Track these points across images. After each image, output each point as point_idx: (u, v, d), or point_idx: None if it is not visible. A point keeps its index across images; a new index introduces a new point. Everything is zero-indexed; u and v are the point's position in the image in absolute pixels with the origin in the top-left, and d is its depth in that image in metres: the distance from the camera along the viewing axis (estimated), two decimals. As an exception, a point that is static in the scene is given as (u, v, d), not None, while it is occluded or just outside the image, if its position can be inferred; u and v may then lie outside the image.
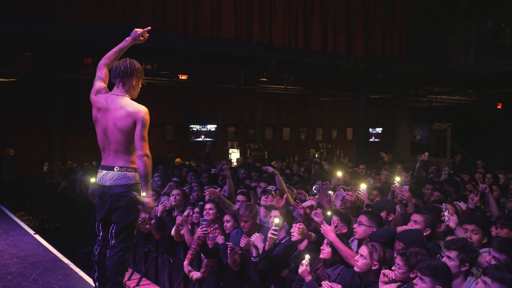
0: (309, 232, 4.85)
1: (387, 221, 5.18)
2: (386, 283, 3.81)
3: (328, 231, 4.49)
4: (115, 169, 4.16)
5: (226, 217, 5.88)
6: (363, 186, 6.63)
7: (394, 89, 19.07)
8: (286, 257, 4.99)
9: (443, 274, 3.46)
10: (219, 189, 6.34)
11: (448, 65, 15.73)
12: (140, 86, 4.36)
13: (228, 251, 5.26)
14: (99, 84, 4.30)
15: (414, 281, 3.50)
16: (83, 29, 10.59)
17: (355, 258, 4.14)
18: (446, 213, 4.45)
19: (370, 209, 5.27)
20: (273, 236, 4.87)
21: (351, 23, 14.50)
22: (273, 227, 4.86)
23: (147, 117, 4.12)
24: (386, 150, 21.10)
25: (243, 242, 5.23)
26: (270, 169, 7.36)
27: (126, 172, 4.15)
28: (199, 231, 5.64)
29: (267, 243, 4.93)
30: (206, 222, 5.75)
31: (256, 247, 5.00)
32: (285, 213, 5.35)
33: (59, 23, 10.37)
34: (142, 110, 4.12)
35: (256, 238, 5.02)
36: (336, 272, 4.38)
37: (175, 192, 7.02)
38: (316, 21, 13.83)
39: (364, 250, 4.10)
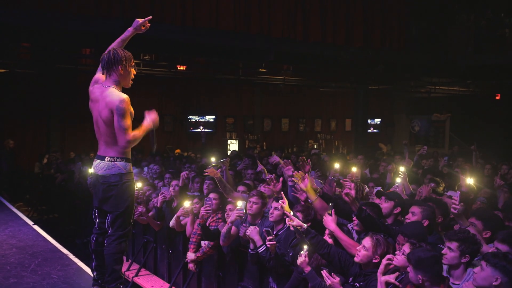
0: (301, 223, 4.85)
1: (392, 213, 5.15)
2: (384, 273, 3.83)
3: (329, 221, 4.49)
4: (106, 159, 4.19)
5: (229, 206, 5.87)
6: (354, 170, 6.61)
7: (393, 80, 19.04)
8: (286, 248, 5.01)
9: (426, 265, 3.48)
10: (219, 170, 6.30)
11: (447, 56, 15.70)
12: (132, 73, 4.24)
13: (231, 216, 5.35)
14: (97, 75, 4.31)
15: (408, 269, 3.57)
16: (81, 21, 10.53)
17: (357, 248, 4.14)
18: (455, 199, 4.35)
19: (382, 196, 5.26)
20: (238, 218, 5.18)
21: (351, 14, 14.44)
22: (237, 208, 5.14)
23: (123, 105, 3.99)
24: (385, 141, 21.09)
25: (242, 231, 5.25)
26: (277, 158, 7.31)
27: (116, 162, 4.17)
28: (202, 210, 5.63)
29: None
30: (210, 202, 5.77)
31: (252, 240, 5.00)
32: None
33: (57, 14, 10.31)
34: (117, 99, 4.01)
35: (251, 231, 5.02)
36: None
37: (174, 183, 7.01)
38: (315, 11, 13.76)
39: (368, 242, 4.09)
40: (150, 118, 4.26)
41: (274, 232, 5.15)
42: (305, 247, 4.33)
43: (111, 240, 4.25)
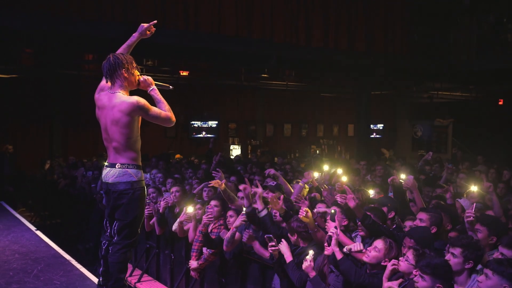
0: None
1: (388, 219, 5.19)
2: (389, 279, 3.81)
3: (332, 227, 4.47)
4: (117, 166, 4.14)
5: (230, 213, 5.86)
6: (343, 179, 6.60)
7: (396, 85, 19.03)
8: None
9: (444, 272, 3.46)
10: (224, 180, 6.26)
11: (450, 61, 15.69)
12: (136, 74, 4.23)
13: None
14: (103, 82, 4.27)
15: (415, 278, 3.51)
16: (84, 26, 10.55)
17: (368, 248, 4.12)
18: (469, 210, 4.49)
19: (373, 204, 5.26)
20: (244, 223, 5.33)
21: (353, 19, 14.43)
22: (243, 212, 5.29)
23: (142, 102, 4.04)
24: (387, 146, 21.08)
25: (245, 237, 5.24)
26: (272, 171, 7.32)
27: (127, 169, 4.13)
28: (205, 218, 5.62)
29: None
30: (212, 209, 5.75)
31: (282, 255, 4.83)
32: (284, 214, 5.29)
33: (60, 19, 10.34)
34: (134, 102, 4.02)
35: (283, 246, 4.81)
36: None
37: (174, 189, 7.01)
38: (317, 16, 13.76)
39: (380, 243, 4.08)
40: (147, 83, 4.28)
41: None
42: (311, 252, 4.31)
43: (116, 249, 4.21)
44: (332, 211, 4.82)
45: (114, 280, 4.24)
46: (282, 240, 4.84)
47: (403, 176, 6.55)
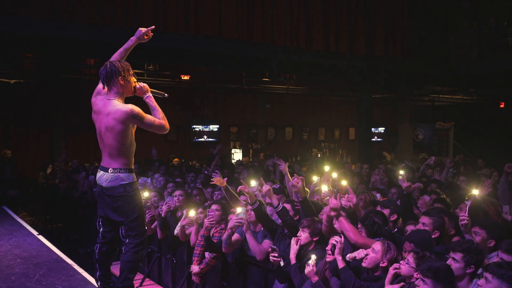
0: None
1: (390, 221, 5.20)
2: (391, 282, 3.81)
3: (333, 202, 4.48)
4: (109, 170, 4.23)
5: (231, 216, 5.86)
6: (343, 183, 6.52)
7: (397, 88, 19.04)
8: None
9: (445, 275, 3.46)
10: (225, 179, 6.25)
11: (451, 65, 15.70)
12: (133, 81, 4.27)
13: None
14: (99, 86, 4.33)
15: (416, 282, 3.51)
16: (85, 30, 10.57)
17: (365, 252, 4.12)
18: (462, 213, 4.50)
19: (376, 206, 5.27)
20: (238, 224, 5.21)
21: (353, 22, 14.46)
22: (237, 213, 5.18)
23: (136, 111, 4.09)
24: (389, 150, 21.08)
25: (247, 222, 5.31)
26: (282, 166, 7.29)
27: (119, 174, 4.22)
28: (206, 222, 5.62)
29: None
30: (213, 213, 5.76)
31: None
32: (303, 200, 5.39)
33: (61, 24, 10.36)
34: (128, 111, 4.08)
35: (293, 248, 4.79)
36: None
37: (177, 193, 6.99)
38: (318, 20, 13.79)
39: (378, 245, 4.08)
40: (143, 90, 4.31)
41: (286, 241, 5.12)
42: (313, 256, 4.30)
43: (128, 248, 4.28)
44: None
45: (123, 278, 4.28)
46: (293, 239, 4.84)
47: (401, 172, 6.53)
